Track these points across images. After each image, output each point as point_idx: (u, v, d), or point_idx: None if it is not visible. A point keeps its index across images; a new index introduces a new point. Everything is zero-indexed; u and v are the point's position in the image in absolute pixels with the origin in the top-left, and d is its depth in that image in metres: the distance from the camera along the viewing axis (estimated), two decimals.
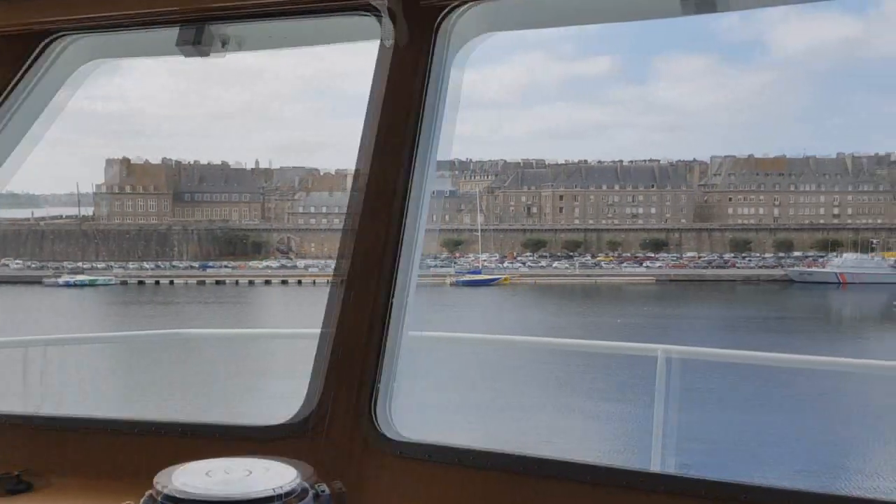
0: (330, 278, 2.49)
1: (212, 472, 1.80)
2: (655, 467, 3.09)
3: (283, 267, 61.66)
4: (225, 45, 2.57)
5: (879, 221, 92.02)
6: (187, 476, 1.77)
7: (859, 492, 17.41)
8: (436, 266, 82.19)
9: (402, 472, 2.21)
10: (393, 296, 2.31)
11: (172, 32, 2.51)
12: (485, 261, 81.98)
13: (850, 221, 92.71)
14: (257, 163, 76.72)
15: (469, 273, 75.99)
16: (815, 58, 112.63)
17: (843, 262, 72.66)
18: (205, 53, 2.54)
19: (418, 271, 2.46)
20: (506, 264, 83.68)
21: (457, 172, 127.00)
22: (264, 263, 62.28)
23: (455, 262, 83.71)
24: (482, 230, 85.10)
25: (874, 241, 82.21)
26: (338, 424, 2.27)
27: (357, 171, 2.38)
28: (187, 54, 2.53)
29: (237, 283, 57.98)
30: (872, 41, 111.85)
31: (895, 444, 20.60)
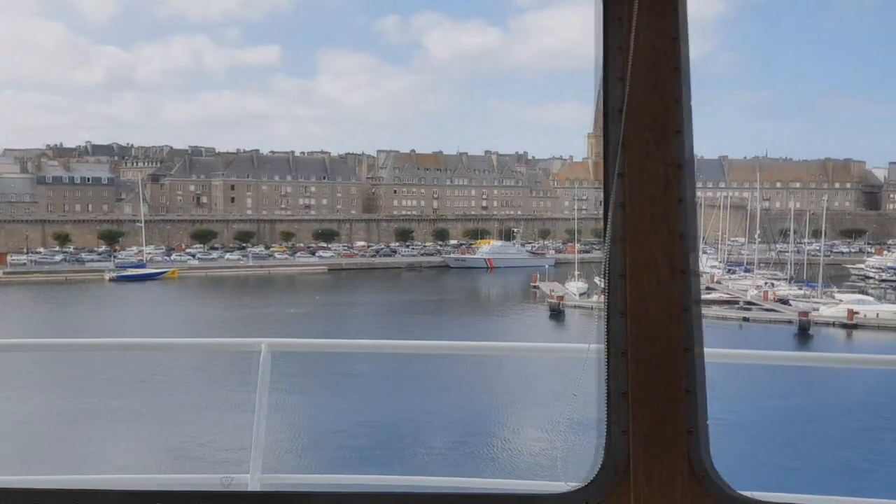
0: None
1: None
2: (256, 473, 2.52)
3: None
4: None
5: (520, 213, 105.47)
6: None
7: (507, 443, 20.02)
8: (91, 261, 74.58)
9: None
10: None
11: None
12: (150, 254, 76.57)
13: (495, 213, 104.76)
14: None
15: (131, 267, 70.35)
16: (461, 63, 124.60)
17: (491, 249, 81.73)
18: None
19: None
20: (174, 257, 79.10)
21: (116, 158, 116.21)
22: None
23: (115, 256, 76.94)
24: (146, 221, 79.26)
25: (515, 229, 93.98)
26: None
27: None
28: None
29: None
30: (509, 51, 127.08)
31: (523, 406, 24.08)
